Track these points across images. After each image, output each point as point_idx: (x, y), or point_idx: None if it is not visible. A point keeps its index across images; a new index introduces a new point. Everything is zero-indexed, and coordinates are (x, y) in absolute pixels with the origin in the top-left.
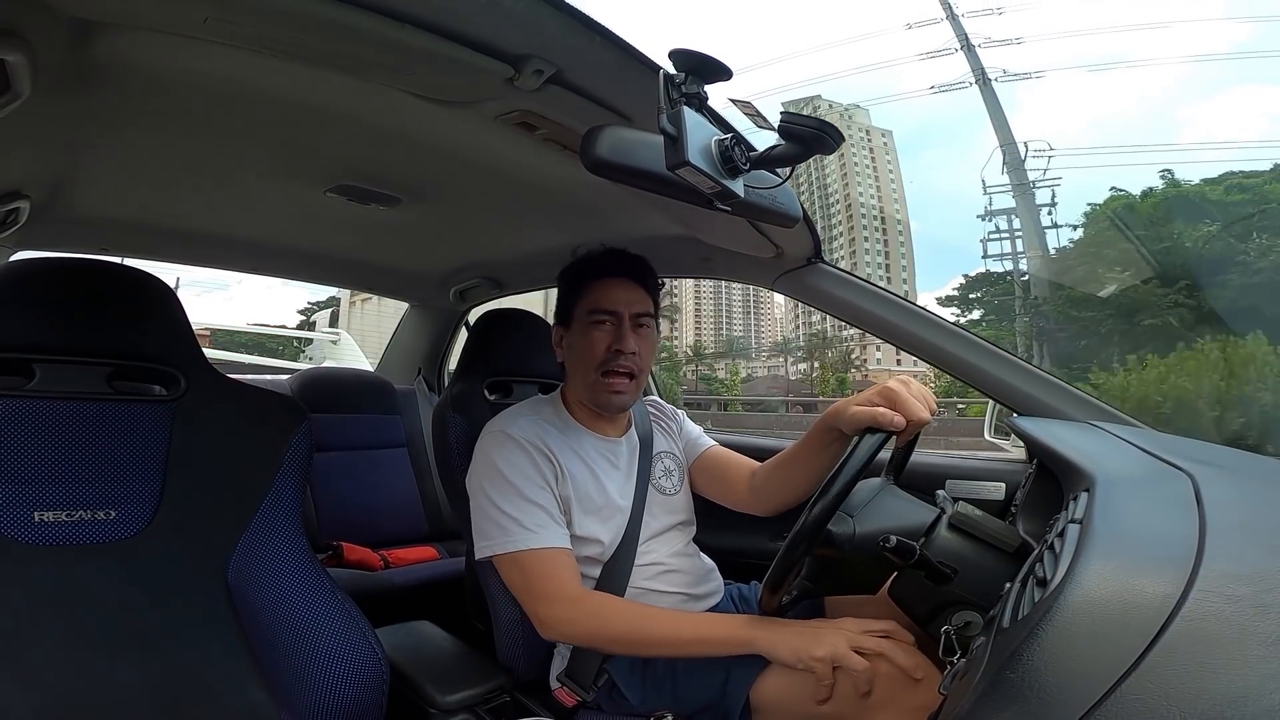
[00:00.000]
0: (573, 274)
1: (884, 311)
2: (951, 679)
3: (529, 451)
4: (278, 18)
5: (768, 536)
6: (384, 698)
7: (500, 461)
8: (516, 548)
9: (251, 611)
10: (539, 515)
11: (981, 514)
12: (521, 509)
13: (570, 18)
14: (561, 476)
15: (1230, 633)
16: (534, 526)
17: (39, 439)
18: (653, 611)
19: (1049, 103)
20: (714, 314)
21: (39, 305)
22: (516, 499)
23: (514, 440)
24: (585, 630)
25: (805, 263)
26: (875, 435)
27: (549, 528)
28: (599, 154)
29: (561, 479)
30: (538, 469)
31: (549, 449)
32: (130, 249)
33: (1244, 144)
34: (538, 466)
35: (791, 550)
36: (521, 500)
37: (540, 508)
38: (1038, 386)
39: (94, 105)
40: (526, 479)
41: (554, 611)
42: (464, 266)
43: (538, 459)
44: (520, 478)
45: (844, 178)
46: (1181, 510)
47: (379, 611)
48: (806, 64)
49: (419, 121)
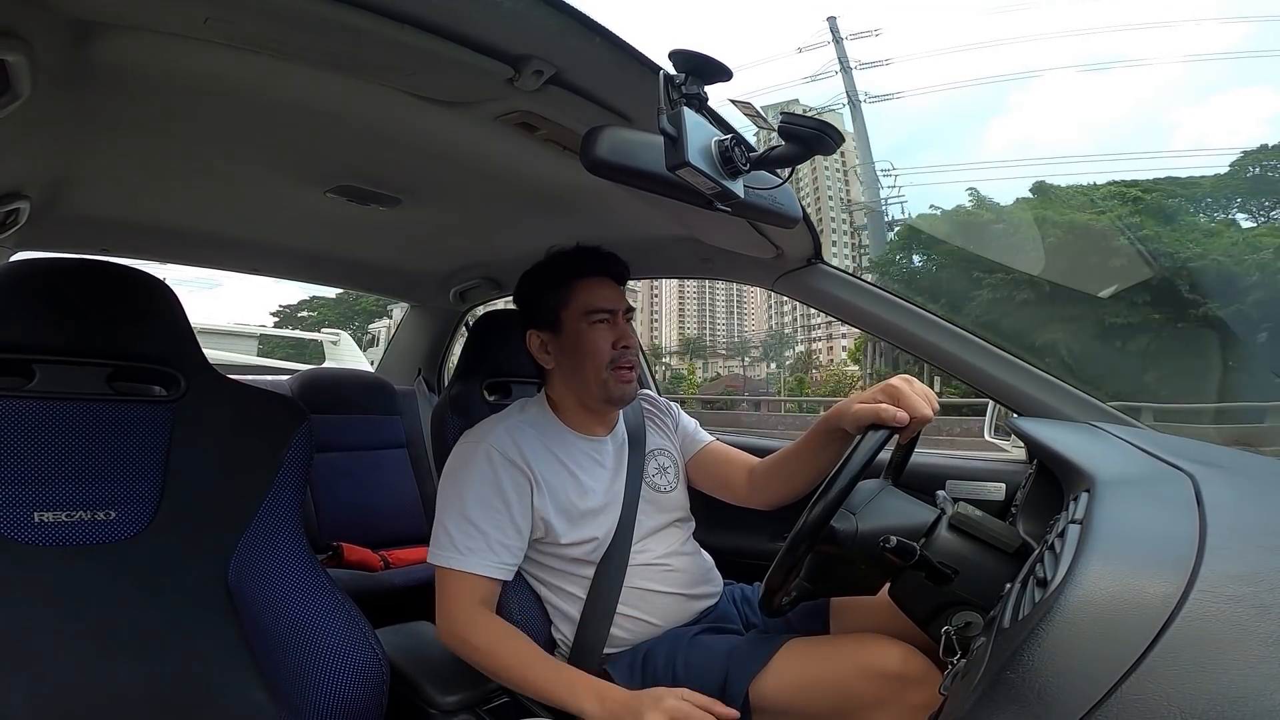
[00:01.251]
0: (555, 273)
1: (884, 312)
2: (952, 679)
3: (496, 469)
4: (278, 18)
5: (769, 536)
6: (384, 698)
7: (461, 474)
8: (440, 562)
9: (251, 612)
10: (474, 538)
11: (982, 514)
12: (459, 526)
13: (570, 18)
14: (537, 490)
15: (1230, 633)
16: (463, 548)
17: (39, 439)
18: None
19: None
20: (697, 313)
21: (39, 305)
22: (458, 516)
23: (483, 453)
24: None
25: (805, 263)
26: (878, 432)
27: (477, 553)
28: (599, 154)
29: (537, 492)
30: (498, 489)
31: (524, 460)
32: (130, 249)
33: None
34: (499, 486)
35: (793, 549)
36: (462, 519)
37: (478, 531)
38: (1038, 386)
39: (94, 105)
40: (479, 498)
41: (443, 628)
42: (464, 267)
43: (503, 477)
44: (472, 495)
45: (814, 178)
46: (1182, 511)
47: (379, 612)
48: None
49: (419, 122)
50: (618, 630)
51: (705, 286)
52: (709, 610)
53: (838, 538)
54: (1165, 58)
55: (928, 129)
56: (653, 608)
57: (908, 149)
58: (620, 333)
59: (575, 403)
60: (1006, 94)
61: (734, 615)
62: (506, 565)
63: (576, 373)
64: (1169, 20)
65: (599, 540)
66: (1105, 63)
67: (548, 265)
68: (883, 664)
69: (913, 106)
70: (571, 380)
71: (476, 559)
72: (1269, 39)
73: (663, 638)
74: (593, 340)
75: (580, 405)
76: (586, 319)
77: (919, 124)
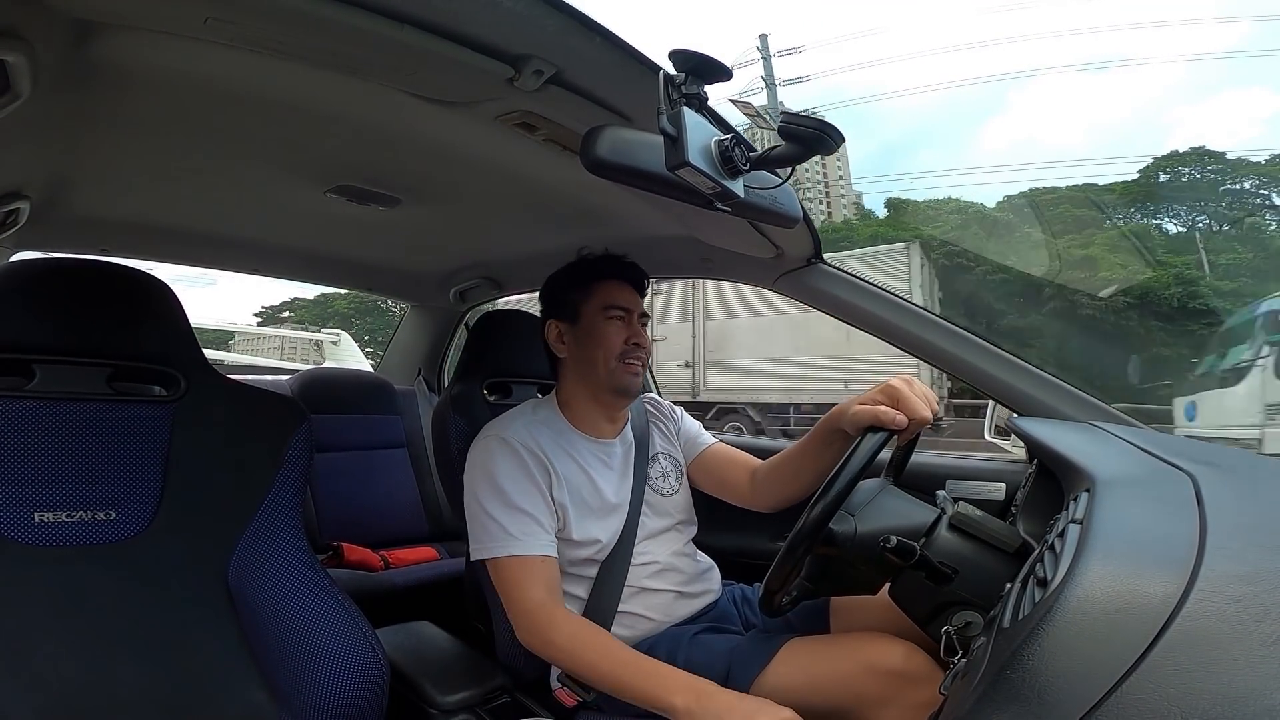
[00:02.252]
0: (581, 272)
1: (884, 312)
2: (952, 679)
3: (521, 456)
4: (278, 18)
5: (769, 537)
6: (384, 698)
7: (492, 466)
8: (498, 553)
9: (252, 612)
10: (525, 523)
11: (982, 514)
12: (509, 516)
13: (570, 18)
14: (556, 481)
15: (1231, 633)
16: (519, 534)
17: (39, 440)
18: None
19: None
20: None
21: (39, 305)
22: (504, 506)
23: (507, 445)
24: (545, 655)
25: (805, 263)
26: (877, 434)
27: (534, 535)
28: (599, 154)
29: (556, 483)
30: (529, 474)
31: (543, 453)
32: (130, 249)
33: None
34: (529, 472)
35: (793, 549)
36: (509, 507)
37: (527, 515)
38: (1038, 386)
39: (94, 105)
40: (516, 485)
41: (522, 626)
42: (464, 267)
43: (530, 464)
44: (510, 483)
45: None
46: (1182, 510)
47: (379, 612)
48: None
49: (419, 122)
50: (618, 628)
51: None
52: (709, 607)
53: (836, 539)
54: (1163, 57)
55: (924, 130)
56: (651, 603)
57: (909, 148)
58: (634, 331)
59: (584, 398)
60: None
61: (734, 615)
62: (555, 546)
63: (588, 361)
64: (1165, 20)
65: (604, 544)
66: (1102, 63)
67: (576, 265)
68: (885, 661)
69: (910, 106)
70: (582, 369)
71: (535, 541)
72: (1269, 39)
73: (663, 636)
74: (607, 333)
75: (589, 400)
76: (604, 313)
77: (919, 124)
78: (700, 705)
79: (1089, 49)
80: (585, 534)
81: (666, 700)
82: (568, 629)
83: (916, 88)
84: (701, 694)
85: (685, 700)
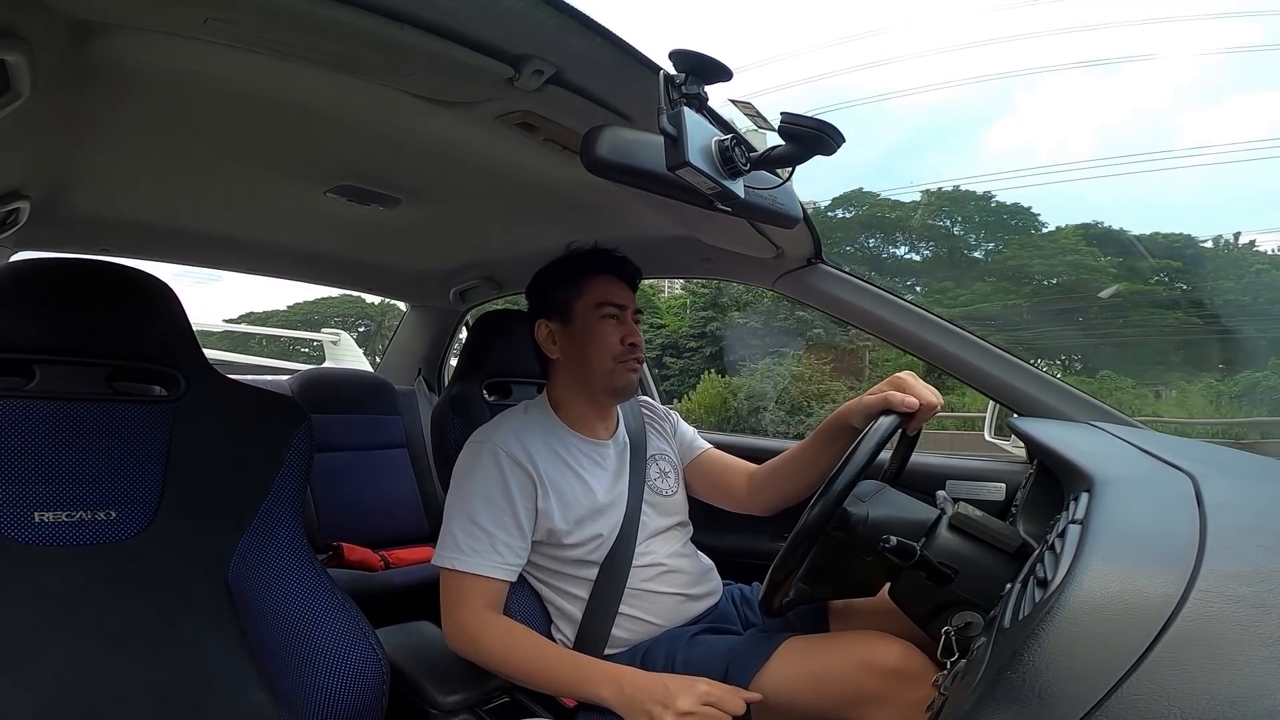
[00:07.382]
0: (571, 268)
1: (884, 312)
2: (952, 679)
3: (503, 468)
4: (278, 18)
5: (769, 537)
6: (384, 698)
7: (468, 477)
8: (445, 565)
9: (251, 612)
10: (480, 540)
11: (982, 514)
12: (466, 530)
13: (570, 18)
14: (541, 490)
15: (1231, 633)
16: (469, 550)
17: (39, 439)
18: (535, 648)
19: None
20: None
21: (39, 305)
22: (466, 519)
23: (491, 455)
24: (474, 658)
25: (805, 263)
26: (890, 417)
27: (484, 554)
28: (599, 154)
29: (541, 493)
30: (505, 489)
31: (530, 461)
32: (130, 249)
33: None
34: (506, 486)
35: (809, 535)
36: (470, 522)
37: (485, 533)
38: (1038, 386)
39: (94, 105)
40: (486, 500)
41: (451, 632)
42: (464, 267)
43: (511, 476)
44: (480, 498)
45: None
46: (1182, 510)
47: (379, 612)
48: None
49: (419, 122)
50: (619, 630)
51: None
52: (709, 610)
53: (850, 522)
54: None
55: (934, 131)
56: (654, 608)
57: (917, 150)
58: (628, 330)
59: (577, 398)
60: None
61: (733, 615)
62: (511, 566)
63: (582, 362)
64: (1173, 17)
65: (604, 538)
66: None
67: (564, 260)
68: (882, 660)
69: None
70: (576, 370)
71: (482, 560)
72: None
73: (661, 637)
74: (601, 332)
75: (582, 400)
76: (597, 311)
77: (923, 125)
78: (623, 694)
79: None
80: (581, 534)
81: (594, 693)
82: (497, 630)
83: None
84: (624, 683)
85: (610, 691)
